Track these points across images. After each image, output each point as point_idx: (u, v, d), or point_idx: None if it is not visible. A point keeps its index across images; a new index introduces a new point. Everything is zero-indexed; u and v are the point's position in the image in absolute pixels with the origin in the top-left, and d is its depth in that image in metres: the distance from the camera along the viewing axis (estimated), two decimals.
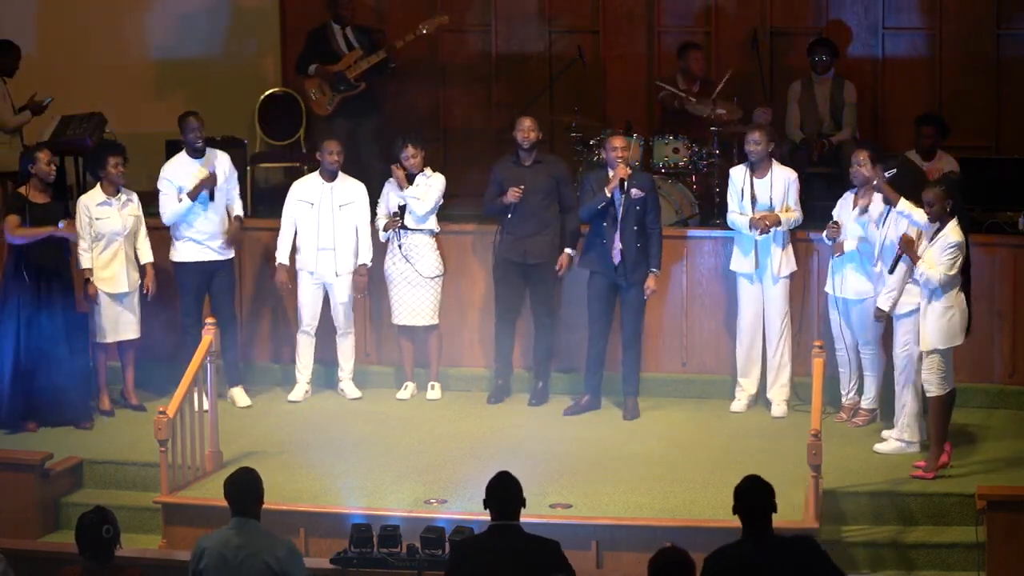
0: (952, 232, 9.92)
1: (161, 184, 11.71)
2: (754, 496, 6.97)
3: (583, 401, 11.53)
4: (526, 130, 11.61)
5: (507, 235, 11.66)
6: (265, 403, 11.98)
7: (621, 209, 11.14)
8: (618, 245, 11.15)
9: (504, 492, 7.36)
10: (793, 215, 11.32)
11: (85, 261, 11.37)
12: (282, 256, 11.86)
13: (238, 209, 11.84)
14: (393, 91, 13.69)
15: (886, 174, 10.49)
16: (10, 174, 12.45)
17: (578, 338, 11.70)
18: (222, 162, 11.78)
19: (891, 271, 10.14)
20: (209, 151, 11.75)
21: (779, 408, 11.45)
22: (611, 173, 11.26)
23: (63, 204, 11.45)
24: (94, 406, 11.54)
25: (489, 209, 11.77)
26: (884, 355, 11.01)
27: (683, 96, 12.99)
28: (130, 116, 13.43)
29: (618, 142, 11.28)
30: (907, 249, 10.02)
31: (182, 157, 11.75)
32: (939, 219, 9.99)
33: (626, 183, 11.18)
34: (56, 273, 11.28)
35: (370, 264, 11.84)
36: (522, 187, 11.52)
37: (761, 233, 11.24)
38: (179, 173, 11.67)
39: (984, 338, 11.47)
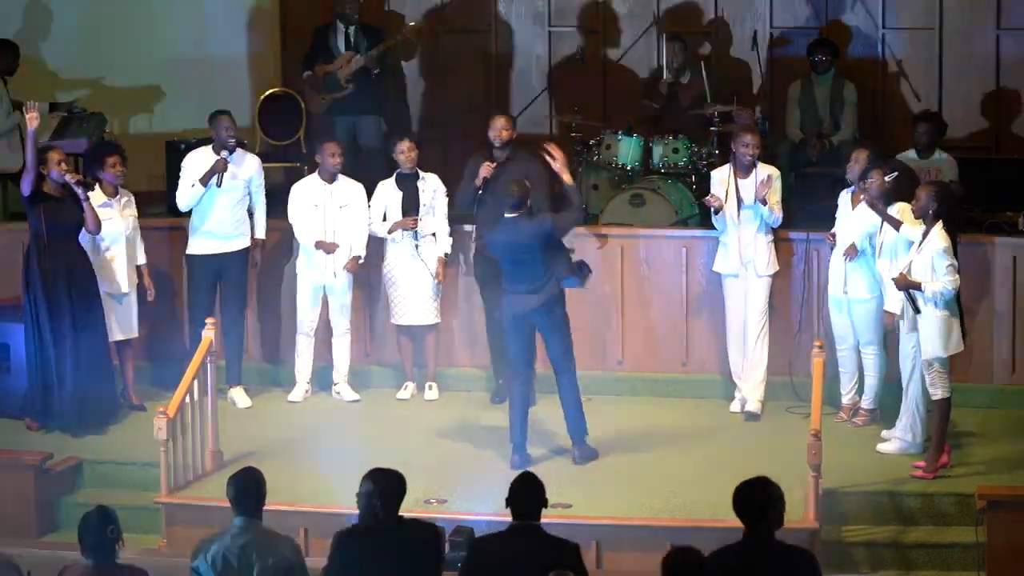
0: (938, 238, 9.91)
1: (182, 172, 11.74)
2: (748, 497, 7.00)
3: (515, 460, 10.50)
4: (499, 128, 11.57)
5: (485, 233, 11.61)
6: (265, 403, 11.99)
7: None
8: None
9: (526, 492, 7.38)
10: (776, 210, 11.29)
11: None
12: (311, 240, 11.70)
13: (260, 231, 11.85)
14: (393, 91, 13.70)
15: (887, 178, 10.50)
16: (9, 175, 12.45)
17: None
18: (250, 163, 11.80)
19: (916, 311, 10.09)
20: (239, 152, 11.74)
21: (754, 406, 11.42)
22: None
23: (80, 207, 11.29)
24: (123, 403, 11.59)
25: (461, 200, 11.68)
26: (885, 356, 11.02)
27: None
28: (130, 116, 13.42)
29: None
30: (907, 286, 10.02)
31: (206, 150, 11.74)
32: (923, 217, 10.02)
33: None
34: (79, 272, 11.19)
35: (363, 259, 11.85)
36: (494, 163, 11.45)
37: (716, 212, 11.21)
38: (200, 164, 11.66)
39: (984, 338, 11.49)
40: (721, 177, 11.39)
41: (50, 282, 11.04)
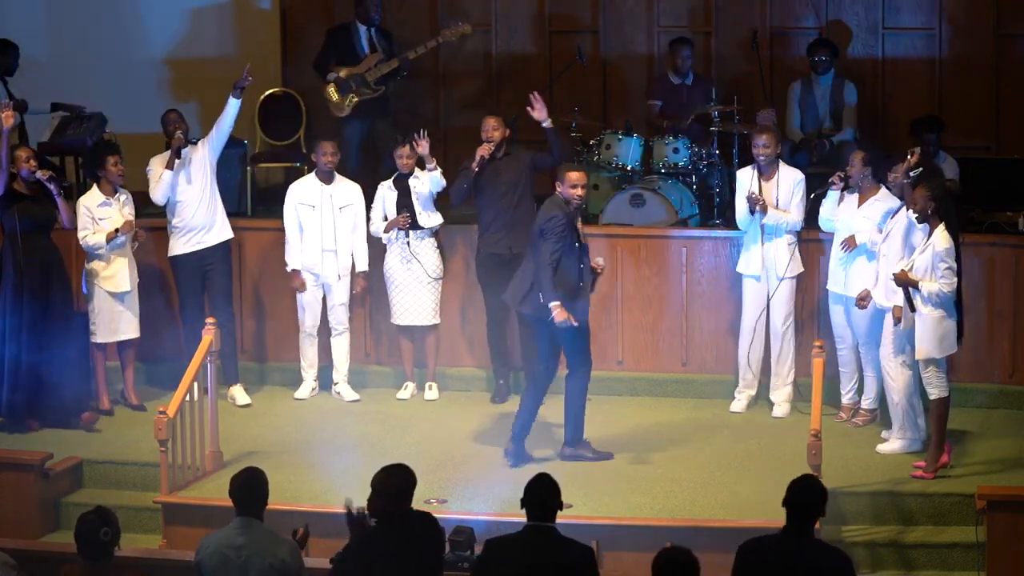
0: (940, 239, 9.91)
1: (148, 171, 11.70)
2: (803, 496, 7.09)
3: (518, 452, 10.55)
4: (489, 129, 11.57)
5: (487, 232, 11.60)
6: (265, 402, 11.99)
7: None
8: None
9: (542, 493, 7.37)
10: (788, 216, 11.28)
11: (96, 239, 11.31)
12: (294, 262, 11.84)
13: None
14: (395, 92, 13.68)
15: (911, 174, 10.46)
16: None
17: None
18: (202, 149, 11.76)
19: (913, 310, 10.07)
20: (191, 147, 11.72)
21: (782, 408, 11.45)
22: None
23: (53, 204, 11.30)
24: (94, 405, 11.52)
25: (455, 193, 11.67)
26: None
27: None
28: (130, 116, 13.43)
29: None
30: (906, 283, 10.01)
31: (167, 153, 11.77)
32: (923, 219, 10.03)
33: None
34: (54, 270, 11.25)
35: (368, 270, 11.88)
36: (492, 144, 11.48)
37: (751, 211, 11.21)
38: (164, 161, 11.68)
39: (984, 338, 11.49)
40: (745, 178, 11.39)
41: (25, 280, 11.08)
